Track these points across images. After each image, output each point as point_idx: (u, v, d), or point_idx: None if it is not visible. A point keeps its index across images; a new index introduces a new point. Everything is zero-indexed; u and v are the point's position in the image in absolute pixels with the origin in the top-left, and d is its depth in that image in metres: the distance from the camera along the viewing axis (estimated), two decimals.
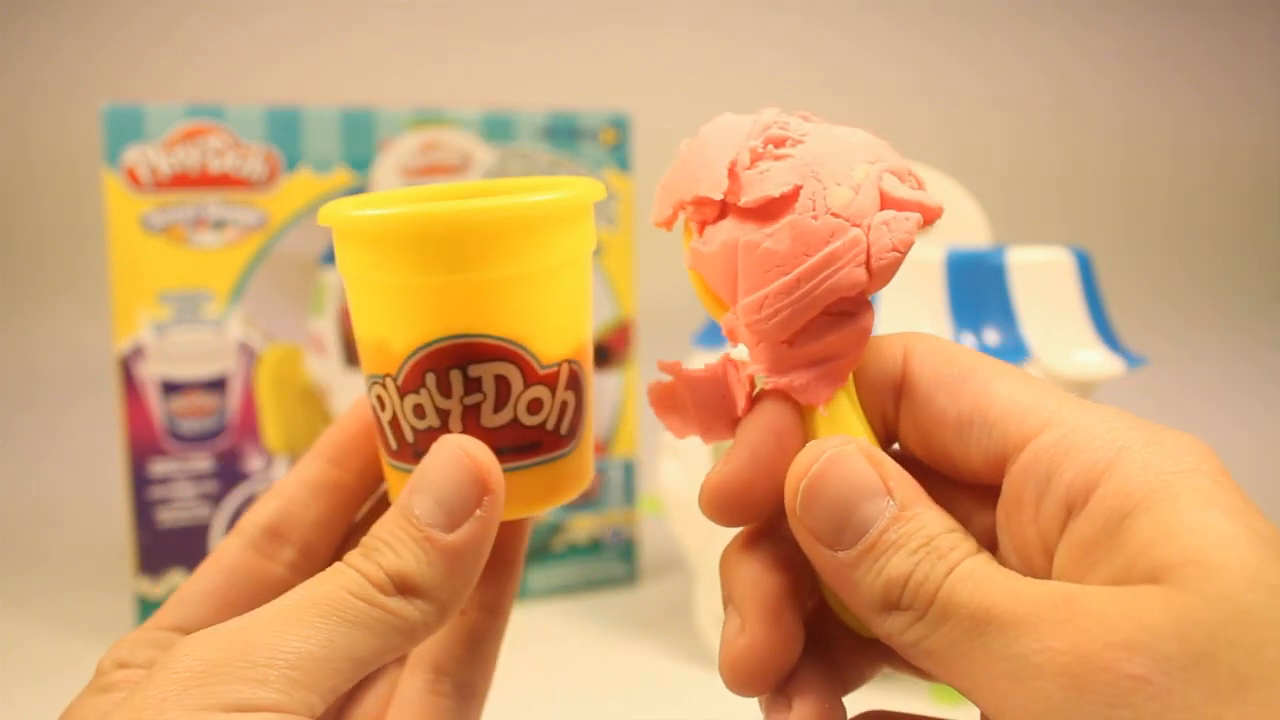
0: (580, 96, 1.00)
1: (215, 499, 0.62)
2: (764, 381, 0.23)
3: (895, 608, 0.21)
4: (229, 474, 0.62)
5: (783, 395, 0.23)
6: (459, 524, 0.25)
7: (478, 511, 0.25)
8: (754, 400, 0.24)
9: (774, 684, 0.24)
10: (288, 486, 0.30)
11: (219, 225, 0.60)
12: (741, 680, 0.23)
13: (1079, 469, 0.21)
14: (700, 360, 0.28)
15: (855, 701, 0.26)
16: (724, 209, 0.23)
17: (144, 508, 0.60)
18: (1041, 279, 0.53)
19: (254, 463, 0.63)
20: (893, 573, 0.21)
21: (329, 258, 0.66)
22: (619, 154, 0.69)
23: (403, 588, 0.24)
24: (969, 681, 0.20)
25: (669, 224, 0.25)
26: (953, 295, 0.53)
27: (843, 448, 0.22)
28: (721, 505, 0.24)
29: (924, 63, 1.34)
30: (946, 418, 0.23)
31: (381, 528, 0.25)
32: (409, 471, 0.27)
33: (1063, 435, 0.21)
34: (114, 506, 0.77)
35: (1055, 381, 0.52)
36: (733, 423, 0.24)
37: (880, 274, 0.22)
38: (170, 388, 0.61)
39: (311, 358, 0.67)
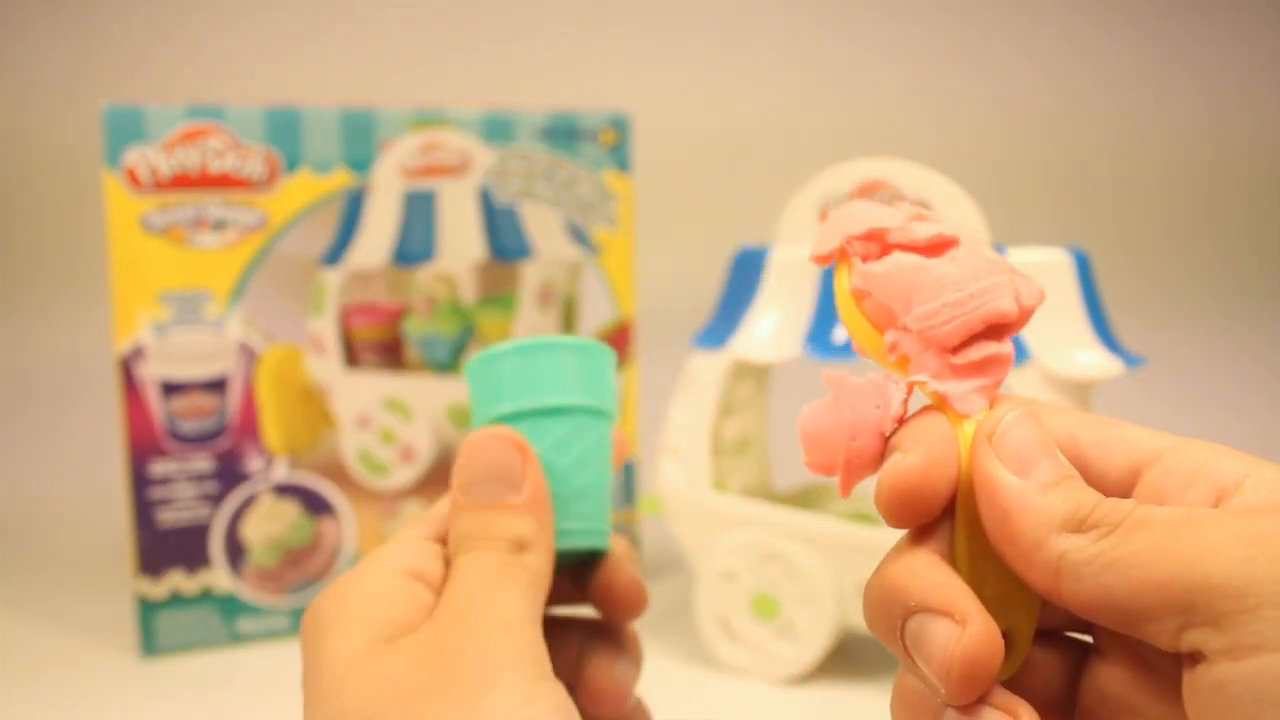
0: (580, 96, 1.00)
1: (215, 499, 0.62)
2: (928, 388, 0.25)
3: (1079, 528, 0.22)
4: (229, 474, 0.62)
5: (938, 410, 0.25)
6: (520, 484, 0.31)
7: (527, 466, 0.31)
8: (907, 418, 0.26)
9: (998, 678, 0.23)
10: None
11: (219, 226, 0.60)
12: (975, 678, 0.22)
13: (1227, 468, 0.22)
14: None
15: (856, 701, 0.26)
16: (887, 248, 0.26)
17: (144, 508, 0.60)
18: (1040, 279, 0.53)
19: (254, 463, 0.63)
20: (1085, 497, 0.22)
21: (329, 258, 0.66)
22: (619, 154, 0.69)
23: (520, 548, 0.30)
24: (1164, 565, 0.20)
25: (829, 258, 0.27)
26: None
27: (1031, 409, 0.24)
28: (902, 499, 0.24)
29: (924, 63, 1.34)
30: (1078, 439, 0.24)
31: (464, 527, 0.31)
32: None
33: (1196, 448, 0.23)
34: (114, 506, 0.77)
35: (1054, 382, 0.52)
36: (880, 435, 0.25)
37: (1024, 314, 0.25)
38: (170, 388, 0.61)
39: (311, 358, 0.67)
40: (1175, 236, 1.39)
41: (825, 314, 0.56)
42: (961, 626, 0.22)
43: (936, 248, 0.26)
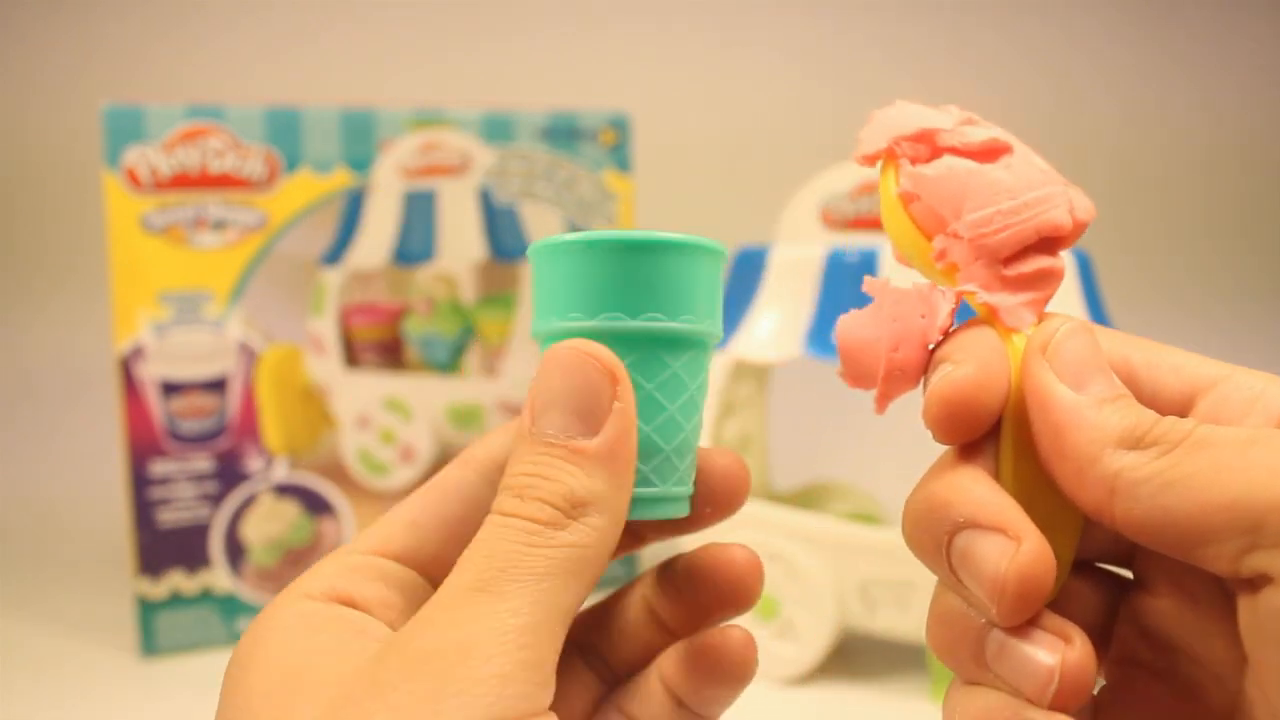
0: (580, 96, 1.00)
1: (215, 499, 0.62)
2: (977, 299, 0.24)
3: (1136, 445, 0.21)
4: (229, 474, 0.62)
5: (986, 323, 0.24)
6: (600, 425, 0.23)
7: (615, 404, 0.23)
8: (952, 330, 0.24)
9: (1048, 599, 0.22)
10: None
11: (219, 226, 0.60)
12: (1030, 597, 0.21)
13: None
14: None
15: (856, 701, 0.26)
16: (937, 150, 0.25)
17: (144, 508, 0.60)
18: None
19: (254, 463, 0.63)
20: (1143, 414, 0.21)
21: (329, 258, 0.66)
22: (619, 154, 0.69)
23: (572, 511, 0.23)
24: (1231, 485, 0.19)
25: (876, 159, 0.25)
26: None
27: (1085, 323, 0.23)
28: (954, 412, 0.22)
29: (924, 62, 1.34)
30: (1131, 360, 0.23)
31: (520, 464, 0.24)
32: None
33: (1253, 376, 0.22)
34: (114, 507, 0.77)
35: None
36: (924, 345, 0.24)
37: (1078, 228, 0.24)
38: (170, 388, 0.61)
39: (311, 358, 0.67)
40: (1175, 236, 1.39)
41: (825, 314, 0.56)
42: (1016, 543, 0.21)
43: (990, 153, 0.24)
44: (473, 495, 0.27)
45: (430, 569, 0.26)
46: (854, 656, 0.60)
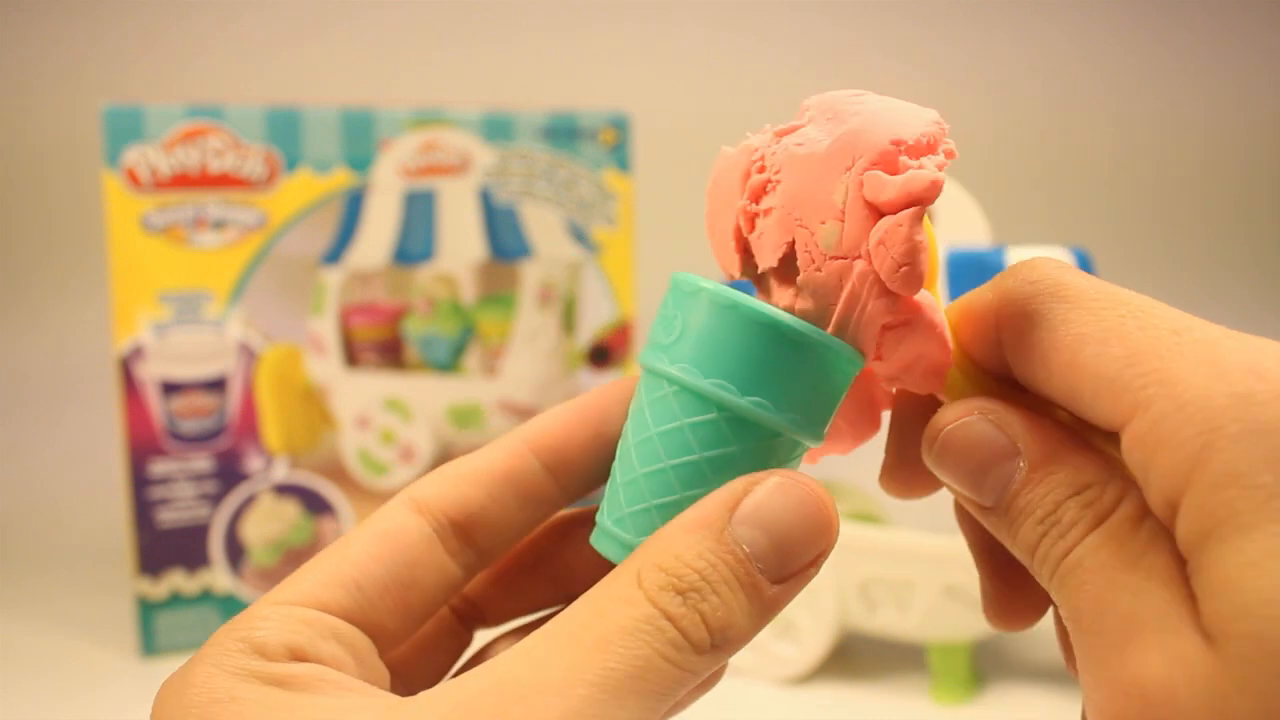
0: (580, 96, 1.00)
1: (215, 499, 0.62)
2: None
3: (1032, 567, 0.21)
4: (229, 474, 0.62)
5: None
6: (789, 579, 0.21)
7: (810, 570, 0.21)
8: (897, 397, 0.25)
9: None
10: (486, 476, 0.25)
11: (219, 225, 0.60)
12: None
13: (1167, 472, 0.19)
14: None
15: (856, 701, 0.26)
16: (760, 277, 0.24)
17: (144, 508, 0.60)
18: None
19: (254, 463, 0.63)
20: (1025, 540, 0.21)
21: (329, 258, 0.66)
22: (619, 154, 0.69)
23: (718, 643, 0.20)
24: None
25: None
26: (953, 295, 0.53)
27: (964, 419, 0.22)
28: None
29: (925, 62, 1.34)
30: (1051, 390, 0.22)
31: (695, 554, 0.20)
32: None
33: (1151, 425, 0.19)
34: (114, 506, 0.77)
35: None
36: (876, 419, 0.25)
37: (906, 287, 0.21)
38: (170, 388, 0.60)
39: (311, 358, 0.67)
40: (1175, 236, 1.39)
41: None
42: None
43: (784, 277, 0.24)
44: (419, 557, 0.24)
45: (374, 632, 0.23)
46: (854, 656, 0.60)
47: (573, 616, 0.20)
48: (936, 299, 0.23)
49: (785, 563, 0.21)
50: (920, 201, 0.21)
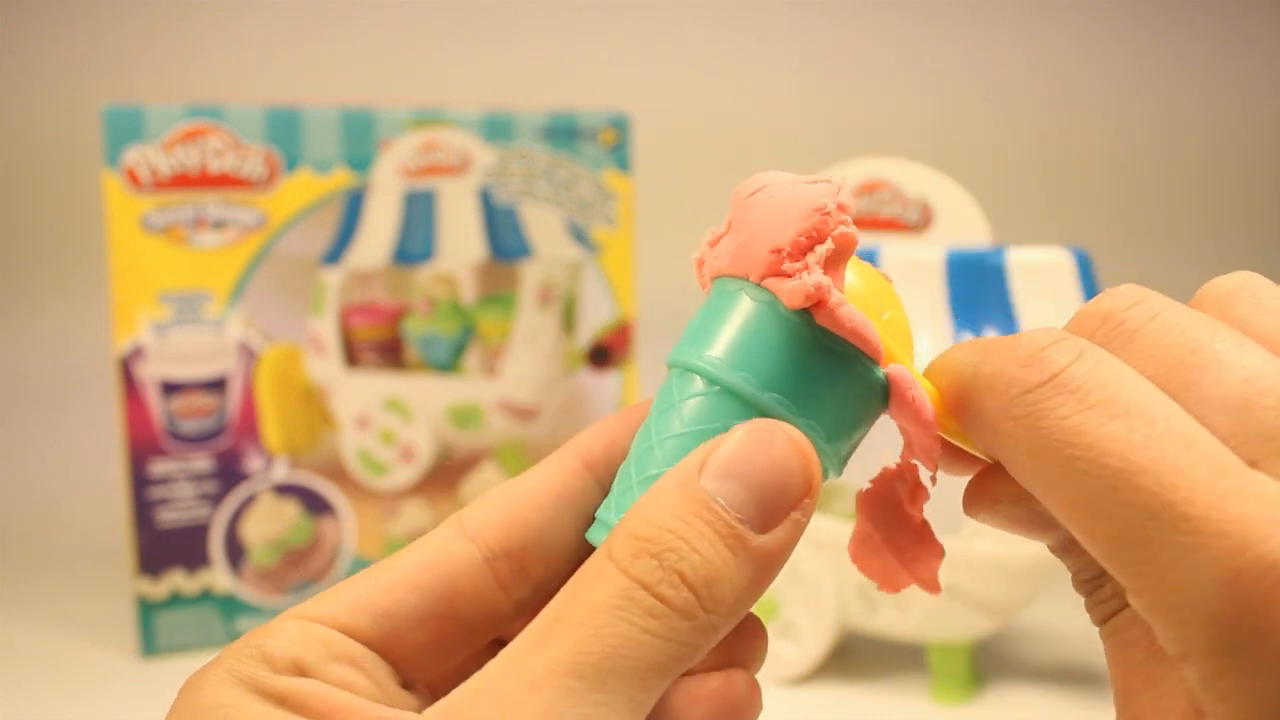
0: (580, 96, 1.00)
1: (215, 499, 0.62)
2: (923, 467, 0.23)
3: None
4: (229, 474, 0.62)
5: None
6: (773, 525, 0.20)
7: (795, 514, 0.20)
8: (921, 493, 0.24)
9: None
10: (542, 497, 0.23)
11: (219, 225, 0.60)
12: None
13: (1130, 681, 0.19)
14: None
15: (856, 701, 0.26)
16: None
17: (144, 508, 0.60)
18: (1041, 279, 0.53)
19: (254, 463, 0.63)
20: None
21: (329, 257, 0.66)
22: (619, 154, 0.69)
23: (706, 602, 0.19)
24: None
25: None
26: (953, 295, 0.53)
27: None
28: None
29: (925, 62, 1.34)
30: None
31: (667, 515, 0.19)
32: None
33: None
34: (114, 506, 0.77)
35: None
36: (917, 530, 0.24)
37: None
38: (170, 388, 0.60)
39: (311, 358, 0.67)
40: (1175, 236, 1.39)
41: None
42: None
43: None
44: (464, 589, 0.22)
45: (399, 661, 0.22)
46: (854, 656, 0.60)
47: (550, 608, 0.19)
48: (911, 368, 0.22)
49: (766, 509, 0.20)
50: (817, 306, 0.21)
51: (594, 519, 0.23)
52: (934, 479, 0.23)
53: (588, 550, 0.23)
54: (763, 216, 0.22)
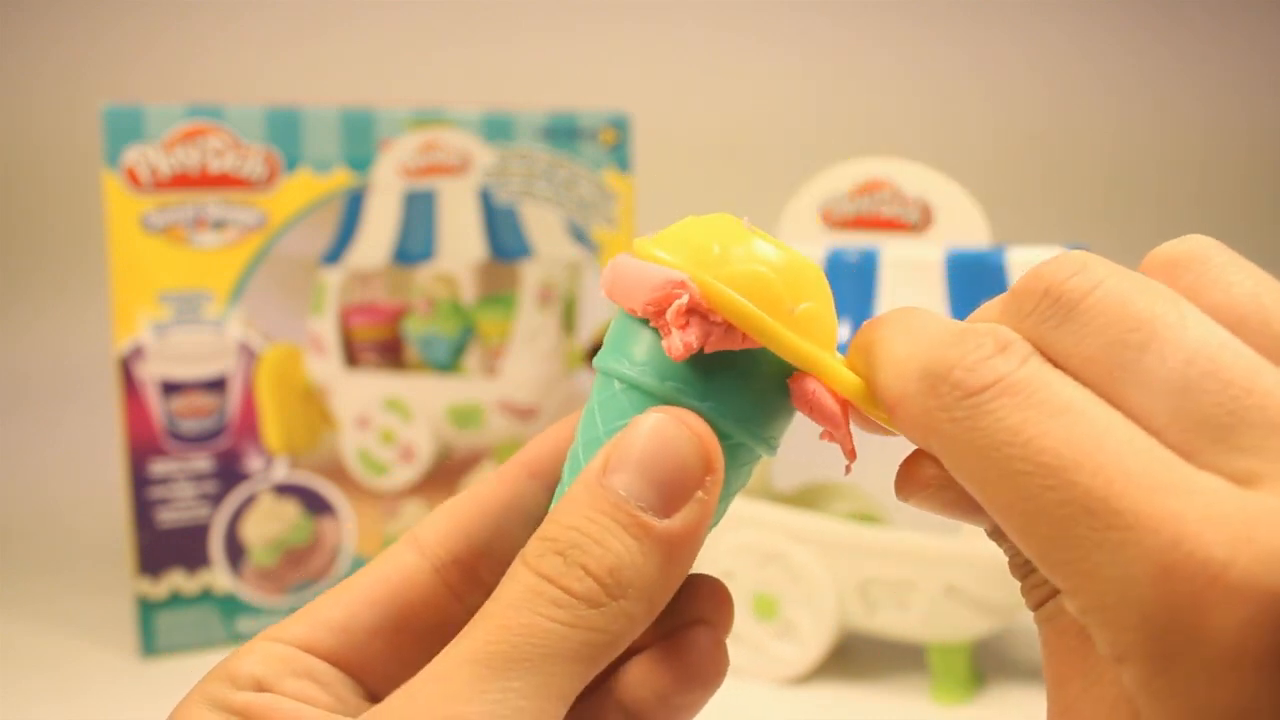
0: (580, 96, 1.00)
1: (215, 499, 0.62)
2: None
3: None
4: (229, 474, 0.62)
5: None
6: (676, 508, 0.21)
7: (699, 494, 0.21)
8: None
9: None
10: (490, 507, 0.25)
11: (219, 225, 0.60)
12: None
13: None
14: None
15: (856, 701, 0.26)
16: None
17: (144, 508, 0.60)
18: None
19: (254, 463, 0.63)
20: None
21: (329, 257, 0.66)
22: (619, 154, 0.69)
23: (613, 589, 0.20)
24: None
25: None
26: (953, 295, 0.53)
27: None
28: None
29: (924, 62, 1.34)
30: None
31: (572, 515, 0.20)
32: None
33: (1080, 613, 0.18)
34: (114, 506, 0.77)
35: None
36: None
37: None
38: (170, 388, 0.61)
39: (311, 358, 0.67)
40: (1175, 236, 1.39)
41: None
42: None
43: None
44: (417, 598, 0.24)
45: (359, 672, 0.23)
46: (854, 656, 0.60)
47: (478, 612, 0.21)
48: (826, 359, 0.22)
49: (667, 494, 0.21)
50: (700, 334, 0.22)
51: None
52: (849, 469, 0.23)
53: None
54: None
